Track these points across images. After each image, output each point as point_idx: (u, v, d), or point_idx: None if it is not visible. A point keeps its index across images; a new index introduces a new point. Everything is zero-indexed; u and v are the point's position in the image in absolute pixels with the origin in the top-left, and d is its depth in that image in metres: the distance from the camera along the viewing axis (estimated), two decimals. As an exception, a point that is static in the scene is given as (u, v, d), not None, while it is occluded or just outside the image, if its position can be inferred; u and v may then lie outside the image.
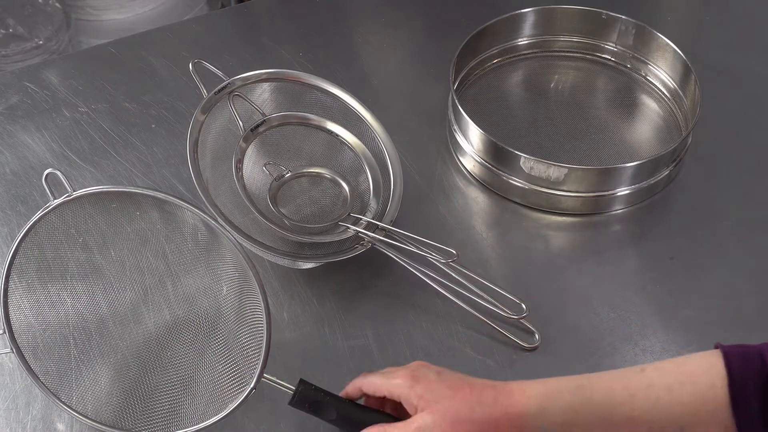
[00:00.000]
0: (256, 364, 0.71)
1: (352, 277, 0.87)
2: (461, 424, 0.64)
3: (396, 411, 0.71)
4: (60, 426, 0.77)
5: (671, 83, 1.03)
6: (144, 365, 0.76)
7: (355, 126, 0.93)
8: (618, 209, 0.93)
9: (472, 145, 0.95)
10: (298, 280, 0.87)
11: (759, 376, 0.60)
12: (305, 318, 0.84)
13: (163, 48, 1.13)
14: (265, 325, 0.70)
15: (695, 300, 0.85)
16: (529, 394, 0.65)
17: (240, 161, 0.88)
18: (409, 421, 0.66)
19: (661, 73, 1.04)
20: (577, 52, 1.09)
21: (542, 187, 0.91)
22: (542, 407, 0.64)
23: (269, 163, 0.89)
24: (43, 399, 0.77)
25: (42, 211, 0.70)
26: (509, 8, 1.06)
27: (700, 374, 0.62)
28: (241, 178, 0.87)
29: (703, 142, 0.97)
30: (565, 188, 0.91)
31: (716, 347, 0.63)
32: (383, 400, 0.71)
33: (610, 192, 0.92)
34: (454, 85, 0.98)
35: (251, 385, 0.71)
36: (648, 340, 0.81)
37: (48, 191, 0.69)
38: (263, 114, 0.91)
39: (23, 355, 0.73)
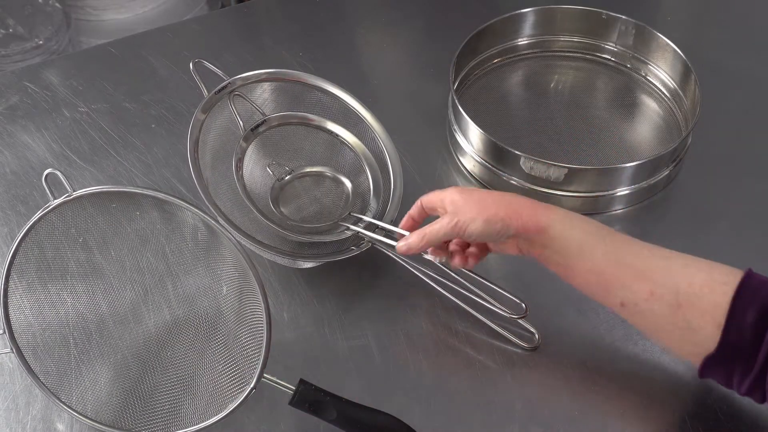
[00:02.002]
0: (256, 364, 0.71)
1: (352, 277, 0.87)
2: (484, 201, 0.74)
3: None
4: (60, 426, 0.77)
5: (671, 83, 1.03)
6: (144, 365, 0.76)
7: (355, 126, 0.93)
8: (618, 209, 0.93)
9: (472, 145, 0.95)
10: (298, 280, 0.87)
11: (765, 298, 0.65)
12: (305, 318, 0.84)
13: (163, 48, 1.14)
14: (265, 325, 0.70)
15: (695, 300, 0.85)
16: (555, 216, 0.73)
17: (240, 161, 0.88)
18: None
19: (661, 73, 1.04)
20: (577, 52, 1.09)
21: (542, 187, 0.91)
22: (564, 223, 0.72)
23: (273, 164, 0.89)
24: (43, 399, 0.77)
25: (42, 211, 0.70)
26: (509, 8, 1.06)
27: (719, 271, 0.68)
28: (241, 178, 0.87)
29: (703, 142, 0.97)
30: (565, 188, 0.91)
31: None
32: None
33: (610, 192, 0.92)
34: (454, 85, 0.98)
35: (251, 385, 0.71)
36: (648, 340, 0.81)
37: (48, 191, 0.69)
38: (263, 114, 0.91)
39: (23, 355, 0.73)
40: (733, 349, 0.65)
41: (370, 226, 0.86)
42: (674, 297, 0.67)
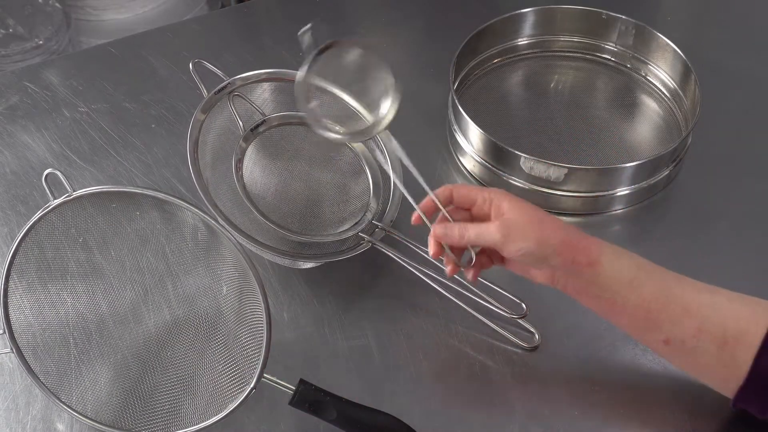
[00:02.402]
0: (256, 364, 0.71)
1: (352, 277, 0.87)
2: (542, 223, 0.70)
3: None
4: (60, 426, 0.77)
5: (671, 83, 1.03)
6: (144, 365, 0.76)
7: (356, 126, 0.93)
8: (618, 209, 0.93)
9: (472, 145, 0.95)
10: (298, 280, 0.87)
11: None
12: (305, 318, 0.84)
13: (163, 48, 1.13)
14: (265, 325, 0.70)
15: (695, 300, 0.85)
16: (606, 250, 0.70)
17: (240, 161, 0.88)
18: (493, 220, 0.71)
19: (661, 73, 1.04)
20: (577, 52, 1.09)
21: (542, 187, 0.91)
22: (614, 257, 0.70)
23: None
24: (43, 399, 0.77)
25: (42, 211, 0.70)
26: (509, 8, 1.06)
27: (764, 306, 0.67)
28: (241, 178, 0.87)
29: (703, 142, 0.97)
30: (565, 188, 0.91)
31: None
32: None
33: (610, 192, 0.92)
34: (454, 85, 0.98)
35: (251, 385, 0.71)
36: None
37: (48, 191, 0.69)
38: (263, 114, 0.91)
39: (23, 355, 0.73)
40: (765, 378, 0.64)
41: (370, 227, 0.86)
42: (722, 333, 0.66)
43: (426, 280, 0.83)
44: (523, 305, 0.81)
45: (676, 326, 0.67)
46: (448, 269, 0.75)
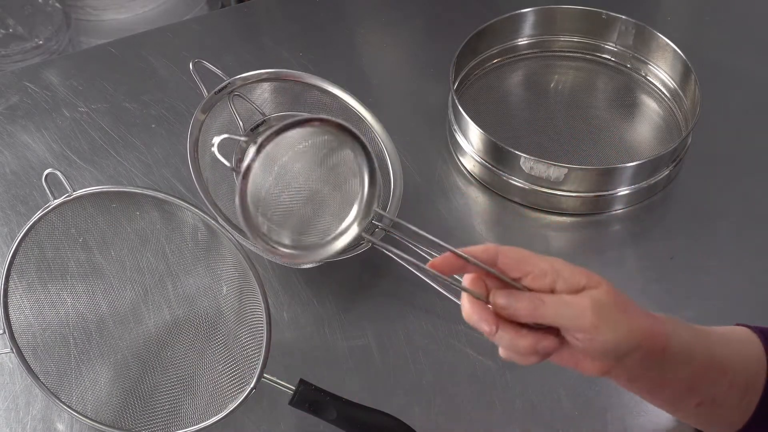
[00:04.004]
0: (256, 364, 0.71)
1: (352, 277, 0.87)
2: (626, 305, 0.55)
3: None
4: (60, 426, 0.77)
5: (671, 83, 1.03)
6: (144, 365, 0.76)
7: (355, 126, 0.93)
8: (618, 209, 0.93)
9: (472, 145, 0.95)
10: (298, 280, 0.87)
11: None
12: (305, 318, 0.84)
13: (163, 48, 1.13)
14: (265, 325, 0.70)
15: (695, 300, 0.85)
16: (669, 326, 0.57)
17: (240, 161, 0.88)
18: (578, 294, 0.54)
19: (661, 73, 1.04)
20: (577, 52, 1.09)
21: (542, 187, 0.91)
22: (675, 333, 0.57)
23: None
24: (43, 399, 0.77)
25: (42, 211, 0.70)
26: (509, 8, 1.06)
27: (753, 341, 0.61)
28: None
29: (703, 142, 0.97)
30: (565, 188, 0.91)
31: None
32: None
33: (610, 192, 0.92)
34: (454, 85, 0.98)
35: (251, 385, 0.71)
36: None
37: (48, 191, 0.69)
38: (263, 114, 0.91)
39: (23, 355, 0.73)
40: None
41: (370, 227, 0.85)
42: (744, 383, 0.59)
43: (426, 280, 0.83)
44: (523, 305, 0.80)
45: (713, 387, 0.59)
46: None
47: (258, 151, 0.55)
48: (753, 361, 0.60)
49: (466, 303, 0.58)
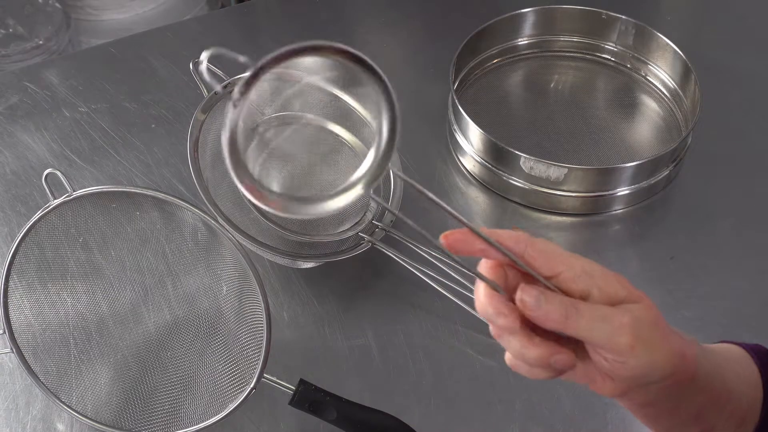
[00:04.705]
0: (256, 364, 0.71)
1: (352, 277, 0.87)
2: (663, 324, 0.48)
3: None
4: (60, 426, 0.77)
5: (671, 83, 1.03)
6: (144, 365, 0.76)
7: (356, 126, 0.93)
8: (618, 209, 0.93)
9: (472, 145, 0.95)
10: (298, 280, 0.87)
11: None
12: (305, 318, 0.84)
13: (163, 48, 1.13)
14: (265, 325, 0.70)
15: (695, 300, 0.85)
16: (695, 349, 0.51)
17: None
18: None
19: (661, 73, 1.04)
20: (577, 52, 1.09)
21: (542, 187, 0.91)
22: (702, 359, 0.51)
23: None
24: (43, 399, 0.77)
25: (42, 211, 0.70)
26: (509, 8, 1.06)
27: (747, 360, 0.56)
28: (241, 178, 0.87)
29: (703, 142, 0.97)
30: (565, 188, 0.91)
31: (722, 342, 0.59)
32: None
33: (610, 192, 0.92)
34: (454, 85, 0.98)
35: (251, 385, 0.71)
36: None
37: (48, 191, 0.69)
38: (263, 114, 0.91)
39: (23, 355, 0.73)
40: None
41: (370, 227, 0.85)
42: (744, 410, 0.54)
43: (426, 280, 0.83)
44: (523, 305, 0.80)
45: (719, 415, 0.53)
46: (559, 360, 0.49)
47: (256, 74, 0.45)
48: (752, 387, 0.55)
49: (481, 292, 0.49)
